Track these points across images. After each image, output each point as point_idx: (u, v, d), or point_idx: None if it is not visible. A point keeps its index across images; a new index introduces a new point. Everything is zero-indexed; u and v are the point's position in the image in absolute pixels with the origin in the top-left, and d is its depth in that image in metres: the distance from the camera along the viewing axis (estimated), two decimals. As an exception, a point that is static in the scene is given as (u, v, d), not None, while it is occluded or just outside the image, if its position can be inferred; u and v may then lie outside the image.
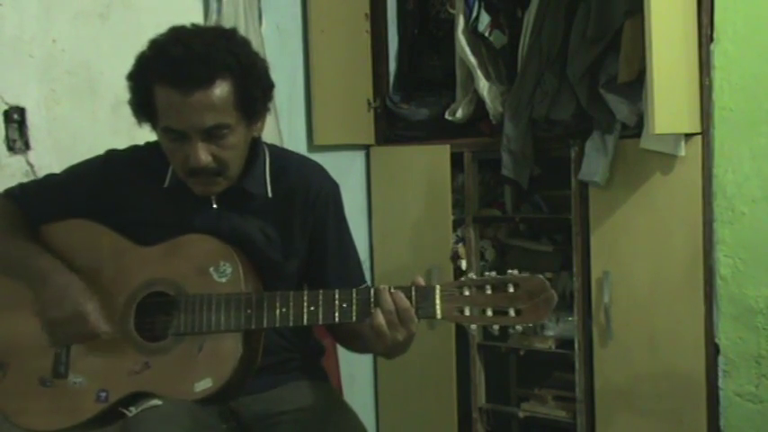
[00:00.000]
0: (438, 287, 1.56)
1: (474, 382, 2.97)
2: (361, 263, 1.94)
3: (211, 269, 1.67)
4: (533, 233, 3.05)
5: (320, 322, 1.61)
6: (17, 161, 2.24)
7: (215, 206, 1.76)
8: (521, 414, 2.91)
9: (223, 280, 1.66)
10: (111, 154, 1.85)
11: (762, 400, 2.40)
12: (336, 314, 1.59)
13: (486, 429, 2.98)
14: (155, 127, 1.71)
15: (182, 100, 1.61)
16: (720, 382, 2.45)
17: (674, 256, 2.50)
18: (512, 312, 1.53)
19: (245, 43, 1.71)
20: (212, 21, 2.65)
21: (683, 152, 2.44)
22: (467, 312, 1.54)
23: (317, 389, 1.85)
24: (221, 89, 1.62)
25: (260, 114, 1.74)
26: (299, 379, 1.85)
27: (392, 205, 3.13)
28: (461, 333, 2.98)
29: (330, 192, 1.84)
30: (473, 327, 1.57)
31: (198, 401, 1.63)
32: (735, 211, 2.40)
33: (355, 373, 3.10)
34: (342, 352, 2.88)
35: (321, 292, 1.61)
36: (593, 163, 2.56)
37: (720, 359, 2.45)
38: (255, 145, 1.80)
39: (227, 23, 2.62)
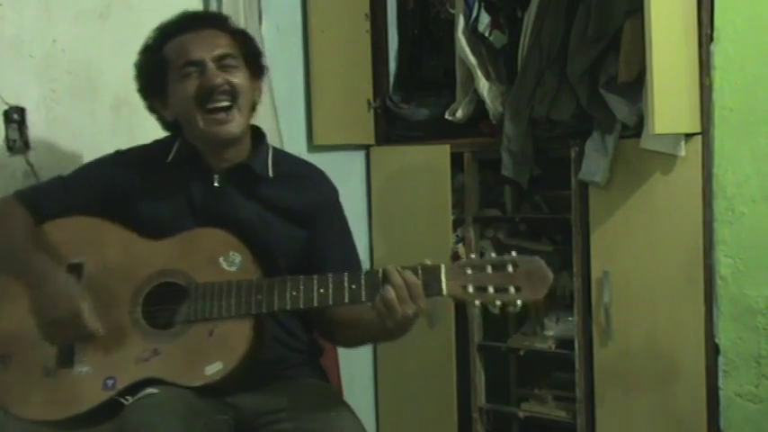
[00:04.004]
0: (443, 266, 1.63)
1: (474, 382, 2.97)
2: (362, 264, 1.96)
3: (221, 259, 1.72)
4: (533, 233, 3.05)
5: (330, 303, 1.66)
6: (17, 161, 2.25)
7: (217, 185, 1.82)
8: (521, 414, 2.91)
9: (233, 269, 1.71)
10: (118, 151, 1.94)
11: (762, 400, 2.40)
12: (346, 295, 1.65)
13: (486, 429, 2.98)
14: (165, 89, 1.82)
15: (194, 35, 1.81)
16: (720, 382, 2.45)
17: (674, 256, 2.50)
18: (512, 290, 1.61)
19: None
20: (212, 21, 2.65)
21: (683, 152, 2.44)
22: (470, 290, 1.62)
23: (315, 388, 1.86)
24: (225, 36, 1.84)
25: (261, 72, 1.90)
26: (298, 377, 1.86)
27: (392, 205, 3.13)
28: (461, 333, 2.98)
29: (331, 196, 1.92)
30: (477, 303, 1.62)
31: (205, 386, 1.65)
32: (735, 211, 2.40)
33: (355, 373, 3.10)
34: (342, 352, 2.88)
35: (330, 275, 1.67)
36: (593, 163, 2.56)
37: (720, 359, 2.44)
38: (261, 134, 1.91)
39: (227, 23, 2.63)
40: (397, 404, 3.15)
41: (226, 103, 1.78)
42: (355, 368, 3.09)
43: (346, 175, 3.12)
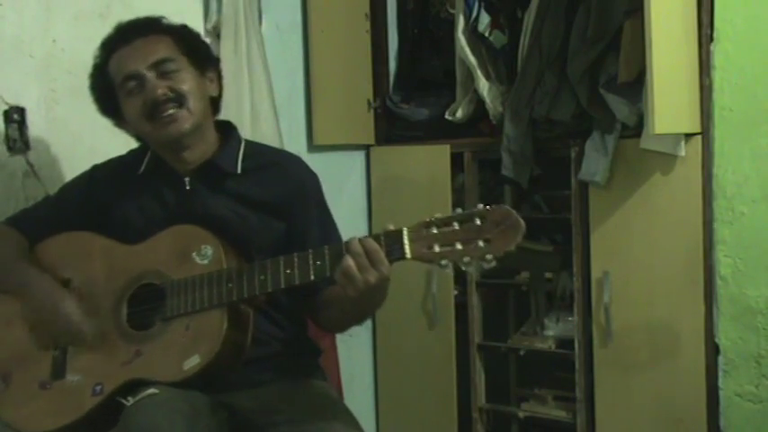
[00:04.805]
0: (405, 229, 1.58)
1: (474, 382, 2.97)
2: None
3: (194, 254, 1.73)
4: (533, 233, 3.04)
5: (297, 282, 1.64)
6: (17, 161, 2.25)
7: (188, 188, 1.83)
8: (521, 414, 2.91)
9: (205, 262, 1.72)
10: (95, 166, 1.96)
11: (762, 400, 2.40)
12: (311, 271, 1.63)
13: (486, 429, 2.98)
14: (119, 110, 1.83)
15: (127, 49, 1.80)
16: (720, 382, 2.45)
17: (674, 256, 2.50)
18: (480, 243, 1.54)
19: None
20: (212, 21, 2.65)
21: (683, 152, 2.44)
22: (436, 249, 1.55)
23: (314, 388, 1.86)
24: (161, 39, 1.81)
25: (209, 64, 1.87)
26: (297, 377, 1.86)
27: (392, 205, 3.13)
28: (461, 333, 2.98)
29: (306, 183, 1.89)
30: (443, 262, 1.56)
31: (189, 380, 1.66)
32: (735, 211, 2.40)
33: (355, 373, 3.10)
34: (342, 352, 2.88)
35: (296, 254, 1.65)
36: (593, 163, 2.56)
37: (720, 359, 2.44)
38: (231, 129, 1.91)
39: (227, 23, 2.63)
40: (397, 404, 3.15)
41: (173, 111, 1.78)
42: (355, 368, 3.10)
43: (346, 175, 3.13)
